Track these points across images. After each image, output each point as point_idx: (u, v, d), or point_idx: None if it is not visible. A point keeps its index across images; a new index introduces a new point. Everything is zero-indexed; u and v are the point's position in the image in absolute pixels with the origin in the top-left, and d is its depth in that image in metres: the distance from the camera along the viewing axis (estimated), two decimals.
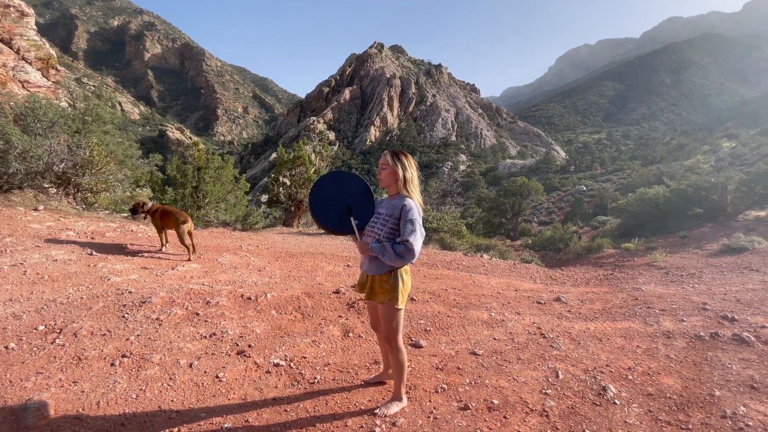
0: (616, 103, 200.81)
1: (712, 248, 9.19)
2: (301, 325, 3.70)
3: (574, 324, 4.28)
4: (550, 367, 3.15)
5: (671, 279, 6.91)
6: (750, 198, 11.72)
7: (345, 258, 6.34)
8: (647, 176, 31.82)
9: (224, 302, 3.79)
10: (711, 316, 4.39)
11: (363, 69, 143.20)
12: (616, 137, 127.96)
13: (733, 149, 35.93)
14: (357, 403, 2.49)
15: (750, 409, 2.50)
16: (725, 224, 11.69)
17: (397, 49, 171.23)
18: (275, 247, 6.63)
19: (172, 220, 4.98)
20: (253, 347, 3.12)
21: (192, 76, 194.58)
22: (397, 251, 2.14)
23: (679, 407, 2.59)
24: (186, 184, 11.36)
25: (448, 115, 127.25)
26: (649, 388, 2.85)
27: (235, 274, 4.73)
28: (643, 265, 8.75)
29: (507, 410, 2.48)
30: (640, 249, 10.88)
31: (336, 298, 4.45)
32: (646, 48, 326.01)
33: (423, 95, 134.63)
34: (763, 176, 11.57)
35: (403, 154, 2.32)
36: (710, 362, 3.25)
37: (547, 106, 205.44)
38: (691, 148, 45.43)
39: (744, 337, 3.64)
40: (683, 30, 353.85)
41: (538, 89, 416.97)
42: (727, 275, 6.72)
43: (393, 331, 2.32)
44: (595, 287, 6.49)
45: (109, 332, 2.96)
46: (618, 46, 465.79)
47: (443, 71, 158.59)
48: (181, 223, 4.96)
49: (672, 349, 3.59)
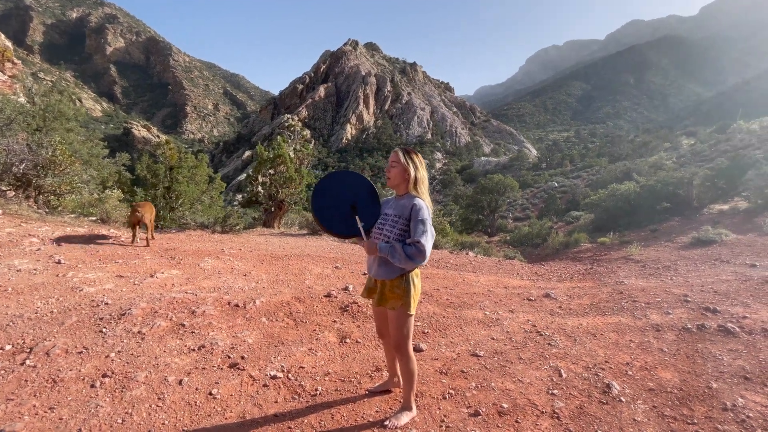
0: (583, 102, 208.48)
1: (682, 241, 9.62)
2: (294, 332, 3.53)
3: (567, 320, 4.32)
4: (552, 365, 3.14)
5: (649, 272, 7.16)
6: (714, 193, 12.37)
7: (332, 259, 6.17)
8: (615, 172, 33.18)
9: (211, 311, 3.57)
10: (694, 308, 4.54)
11: (338, 66, 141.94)
12: (583, 135, 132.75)
13: (693, 146, 38.00)
14: (364, 415, 2.37)
15: (747, 401, 2.56)
16: (692, 218, 12.29)
17: (372, 47, 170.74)
18: (259, 250, 6.37)
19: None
20: (246, 359, 2.94)
21: (158, 71, 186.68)
22: (408, 253, 2.03)
23: (681, 402, 2.62)
24: (157, 185, 10.81)
25: (423, 113, 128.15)
26: (650, 383, 2.88)
27: (220, 280, 4.48)
28: (620, 259, 9.04)
29: (518, 414, 2.43)
30: (615, 243, 11.27)
31: (328, 301, 4.30)
32: (610, 49, 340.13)
33: (398, 93, 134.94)
34: (725, 172, 12.23)
35: (414, 153, 2.21)
36: (702, 354, 3.34)
37: (518, 105, 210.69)
38: (654, 145, 47.77)
39: (729, 328, 3.77)
40: (644, 32, 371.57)
41: (510, 88, 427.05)
42: (700, 267, 7.02)
43: (404, 339, 2.21)
44: (580, 282, 6.63)
45: (86, 349, 2.69)
46: (584, 47, 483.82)
47: (418, 69, 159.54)
48: (134, 211, 5.30)
49: (663, 342, 3.67)
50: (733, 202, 12.34)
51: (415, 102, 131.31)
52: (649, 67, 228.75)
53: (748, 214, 10.83)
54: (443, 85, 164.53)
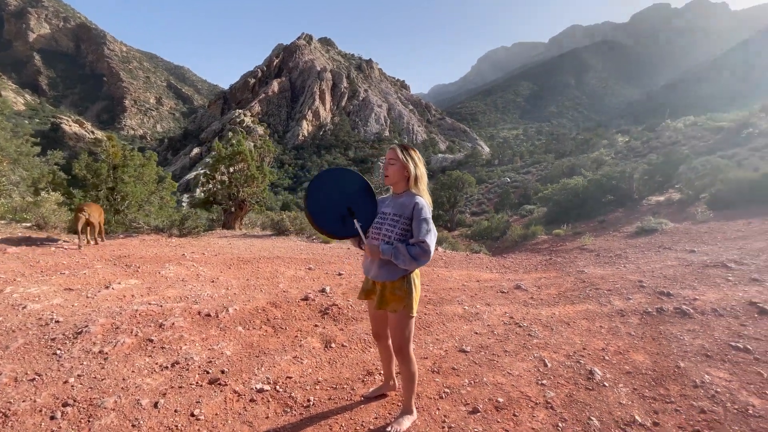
0: (530, 101, 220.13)
1: (628, 231, 10.42)
2: (275, 340, 3.34)
3: (541, 310, 4.49)
4: (536, 356, 3.23)
5: (604, 260, 7.67)
6: (652, 185, 13.55)
7: (304, 261, 5.95)
8: (561, 168, 35.41)
9: (180, 323, 3.28)
10: (650, 292, 4.91)
11: (292, 60, 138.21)
12: (531, 133, 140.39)
13: (627, 143, 41.49)
14: (364, 422, 2.27)
15: (713, 377, 2.79)
16: (633, 209, 13.38)
17: (327, 42, 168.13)
18: (224, 254, 5.99)
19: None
20: (227, 373, 2.73)
21: (91, 61, 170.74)
22: (413, 253, 1.96)
23: (657, 382, 2.80)
24: (99, 186, 9.86)
25: (380, 110, 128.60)
26: (626, 366, 3.05)
27: (186, 288, 4.14)
28: (575, 249, 9.61)
29: (514, 407, 2.46)
30: (569, 234, 11.99)
31: (306, 305, 4.14)
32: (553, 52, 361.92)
33: (355, 90, 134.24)
34: (660, 167, 13.43)
35: (412, 149, 2.13)
36: (665, 336, 3.60)
37: (471, 104, 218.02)
38: (594, 142, 51.54)
39: (684, 309, 4.11)
40: (583, 37, 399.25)
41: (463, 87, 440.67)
42: (647, 254, 7.63)
43: (405, 342, 2.14)
44: (545, 272, 6.95)
45: (39, 376, 2.34)
46: (530, 49, 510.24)
47: (374, 66, 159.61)
48: (79, 211, 5.16)
49: (630, 326, 3.92)
50: (668, 194, 13.59)
51: (372, 99, 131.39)
52: (587, 70, 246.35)
53: (682, 204, 11.97)
54: (399, 83, 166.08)
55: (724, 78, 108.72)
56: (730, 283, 5.04)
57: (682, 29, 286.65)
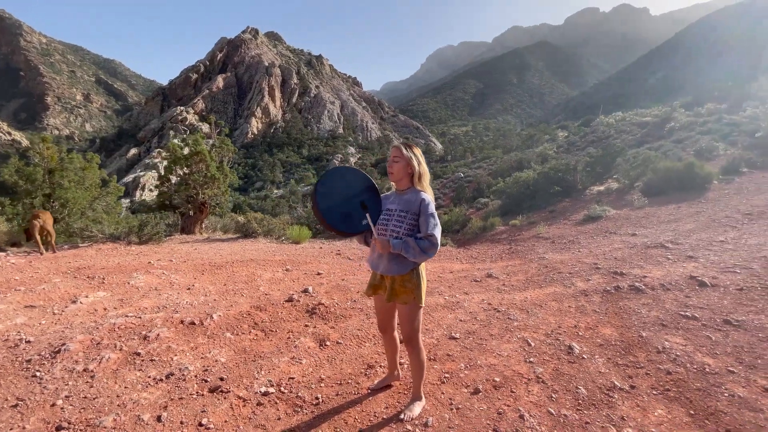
0: (477, 99, 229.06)
1: (576, 218, 11.31)
2: (267, 343, 3.29)
3: (514, 295, 4.80)
4: (519, 337, 3.48)
5: (560, 247, 8.29)
6: (593, 176, 14.78)
7: (280, 262, 5.83)
8: (509, 162, 37.36)
9: (165, 333, 3.12)
10: (605, 273, 5.42)
11: (237, 55, 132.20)
12: (479, 129, 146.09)
13: (567, 138, 44.70)
14: (376, 413, 2.34)
15: (672, 343, 3.19)
16: (578, 198, 14.53)
17: (274, 37, 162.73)
18: (193, 260, 5.69)
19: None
20: (226, 379, 2.66)
21: (5, 54, 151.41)
22: (422, 247, 2.06)
23: (626, 351, 3.14)
24: (34, 192, 8.92)
25: (333, 107, 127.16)
26: (598, 339, 3.39)
27: (161, 298, 3.92)
28: (532, 238, 10.28)
29: (510, 385, 2.66)
30: (524, 224, 12.76)
31: (292, 306, 4.10)
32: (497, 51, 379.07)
33: (306, 86, 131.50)
34: (600, 159, 14.68)
35: (415, 147, 2.22)
36: (625, 311, 4.02)
37: (422, 101, 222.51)
38: (538, 137, 54.95)
39: (637, 286, 4.61)
40: (523, 37, 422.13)
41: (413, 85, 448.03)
42: (596, 239, 8.37)
43: (415, 332, 2.24)
44: (510, 261, 7.38)
45: (21, 401, 2.14)
46: (475, 48, 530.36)
47: (325, 63, 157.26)
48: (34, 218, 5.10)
49: (593, 304, 4.33)
50: (607, 183, 14.90)
51: (324, 96, 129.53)
52: (528, 69, 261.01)
53: (620, 192, 13.19)
54: (351, 80, 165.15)
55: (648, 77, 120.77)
56: (670, 261, 5.70)
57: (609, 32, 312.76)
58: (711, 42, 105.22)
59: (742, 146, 14.21)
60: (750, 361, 2.79)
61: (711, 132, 18.23)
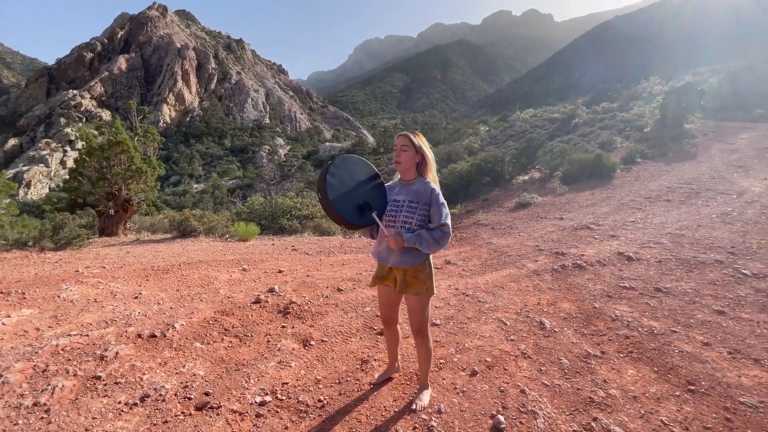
0: (404, 92, 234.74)
1: (509, 206, 12.27)
2: (246, 349, 3.04)
3: (476, 279, 5.06)
4: (494, 318, 3.69)
5: (501, 232, 8.93)
6: (519, 166, 16.13)
7: (234, 262, 5.39)
8: (439, 155, 39.03)
9: (125, 350, 2.71)
10: (548, 254, 5.97)
11: (142, 34, 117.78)
12: (408, 122, 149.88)
13: (488, 132, 48.03)
14: (386, 407, 2.31)
15: (621, 311, 3.64)
16: (507, 188, 15.76)
17: (186, 16, 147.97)
18: (130, 265, 4.97)
19: None
20: (212, 393, 2.40)
21: None
22: (436, 237, 2.06)
23: (587, 321, 3.51)
24: None
25: (257, 95, 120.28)
26: (561, 314, 3.73)
27: (106, 311, 3.38)
28: (473, 225, 10.91)
29: (502, 363, 2.81)
30: (463, 213, 13.50)
31: (261, 308, 3.83)
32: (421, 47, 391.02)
33: (226, 72, 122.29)
34: (524, 151, 16.06)
35: (421, 135, 2.19)
36: (575, 286, 4.49)
37: (351, 93, 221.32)
38: (463, 131, 58.21)
39: (579, 264, 5.16)
40: (445, 35, 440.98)
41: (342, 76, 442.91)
42: (531, 224, 9.17)
43: (425, 322, 2.25)
44: (461, 247, 7.75)
45: None
46: (401, 43, 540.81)
47: (246, 48, 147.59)
48: None
49: (547, 282, 4.75)
50: (531, 173, 16.37)
51: (247, 83, 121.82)
52: (451, 66, 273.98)
53: (542, 181, 14.59)
54: (276, 67, 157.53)
55: (553, 77, 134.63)
56: (597, 240, 6.48)
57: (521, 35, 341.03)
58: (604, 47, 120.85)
59: (635, 140, 16.59)
60: (685, 321, 3.31)
61: (608, 127, 20.96)
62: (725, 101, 20.92)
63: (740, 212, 6.62)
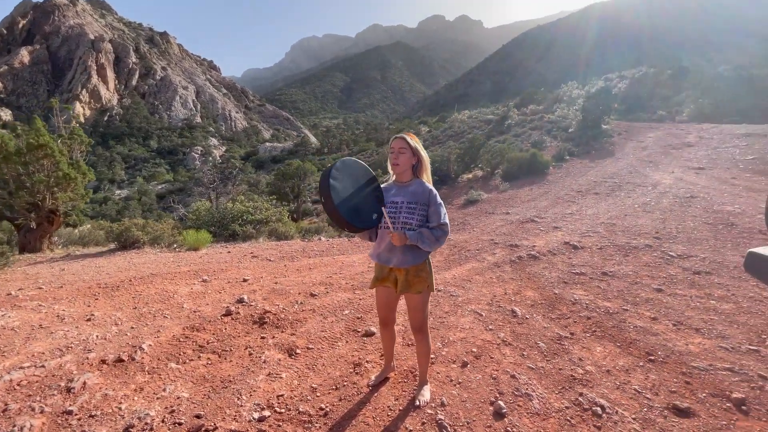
0: (345, 92, 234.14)
1: (458, 203, 12.85)
2: (228, 365, 2.88)
3: (444, 274, 5.26)
4: (469, 310, 3.88)
5: (456, 228, 9.33)
6: (463, 165, 16.95)
7: (192, 273, 5.00)
8: (385, 154, 39.56)
9: (93, 379, 2.43)
10: (504, 246, 6.39)
11: (49, 24, 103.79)
12: (350, 122, 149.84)
13: (429, 132, 49.72)
14: (390, 406, 2.35)
15: (579, 295, 4.03)
16: (453, 186, 16.48)
17: (101, 5, 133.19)
18: (71, 283, 4.37)
19: None
20: (204, 415, 2.25)
21: None
22: (436, 235, 2.14)
23: (552, 307, 3.84)
24: None
25: (186, 92, 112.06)
26: (528, 302, 4.04)
27: (56, 337, 2.97)
28: None
29: (487, 352, 2.98)
30: None
31: (233, 320, 3.64)
32: (360, 47, 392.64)
33: (149, 67, 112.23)
34: (468, 151, 16.91)
35: (415, 137, 2.25)
36: (534, 275, 4.86)
37: (290, 92, 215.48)
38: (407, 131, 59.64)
39: (533, 254, 5.59)
40: (383, 36, 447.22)
41: (279, 74, 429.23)
42: (482, 219, 9.70)
43: (425, 319, 2.32)
44: None
45: None
46: (340, 42, 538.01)
47: (172, 41, 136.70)
48: None
49: (508, 273, 5.09)
50: (474, 172, 17.29)
51: (174, 79, 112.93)
52: (389, 67, 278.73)
53: (485, 179, 15.48)
54: (207, 63, 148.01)
55: (484, 80, 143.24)
56: (543, 231, 7.07)
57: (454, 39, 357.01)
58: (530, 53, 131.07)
59: (561, 139, 18.24)
60: (632, 300, 3.76)
61: (538, 128, 22.82)
62: (632, 103, 23.87)
63: (657, 202, 7.63)
